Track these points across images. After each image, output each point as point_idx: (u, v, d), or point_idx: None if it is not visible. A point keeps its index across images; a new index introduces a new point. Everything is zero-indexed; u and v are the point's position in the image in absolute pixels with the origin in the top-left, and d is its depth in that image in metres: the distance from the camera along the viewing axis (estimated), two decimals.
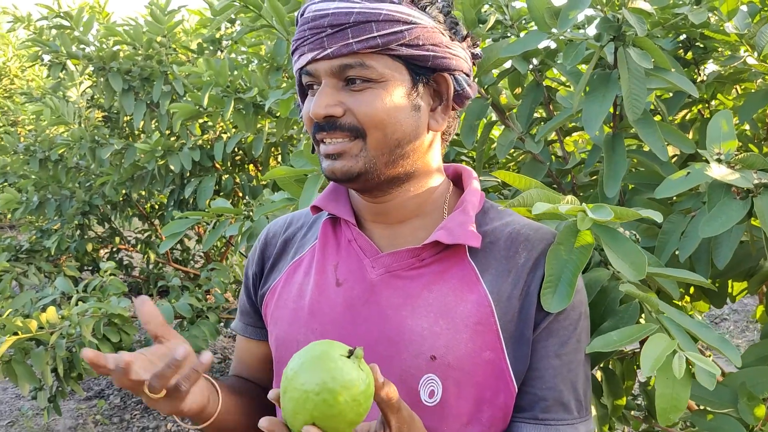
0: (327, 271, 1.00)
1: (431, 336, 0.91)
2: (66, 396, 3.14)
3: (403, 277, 0.95)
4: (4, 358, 2.78)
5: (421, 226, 0.99)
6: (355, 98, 0.90)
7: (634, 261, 0.86)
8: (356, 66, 0.89)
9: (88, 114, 4.06)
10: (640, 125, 1.25)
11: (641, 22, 1.16)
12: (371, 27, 0.89)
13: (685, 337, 0.89)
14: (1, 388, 4.08)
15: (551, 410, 0.93)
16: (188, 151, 3.21)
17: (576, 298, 0.93)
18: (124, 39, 3.35)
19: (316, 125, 0.92)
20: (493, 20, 1.49)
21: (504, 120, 1.54)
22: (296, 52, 0.94)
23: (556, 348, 0.93)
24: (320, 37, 0.89)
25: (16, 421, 3.67)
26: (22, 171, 4.33)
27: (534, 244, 0.96)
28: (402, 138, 0.93)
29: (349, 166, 0.91)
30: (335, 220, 1.04)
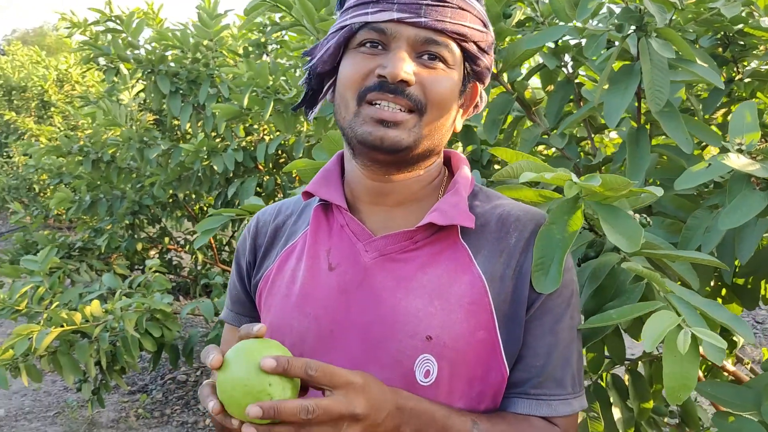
0: (319, 256, 1.00)
1: (426, 316, 0.91)
2: (110, 389, 3.23)
3: (396, 260, 0.95)
4: (50, 349, 2.88)
5: (415, 210, 0.99)
6: (430, 74, 0.91)
7: (631, 234, 0.85)
8: (441, 45, 0.90)
9: (140, 116, 4.19)
10: (664, 118, 1.23)
11: (662, 11, 1.14)
12: (466, 16, 0.92)
13: (693, 314, 0.86)
14: (50, 380, 4.23)
15: (545, 386, 0.93)
16: (232, 152, 3.27)
17: (567, 276, 0.94)
18: (174, 43, 3.44)
19: (379, 85, 0.89)
20: (519, 15, 1.49)
21: (530, 115, 1.53)
22: (370, 5, 0.90)
23: (551, 325, 0.94)
24: (417, 2, 0.88)
25: (61, 412, 3.79)
26: (77, 172, 4.49)
27: (525, 225, 0.96)
28: (445, 125, 0.95)
29: (402, 138, 0.90)
30: (326, 205, 1.04)
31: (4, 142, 9.33)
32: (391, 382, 0.89)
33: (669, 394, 0.84)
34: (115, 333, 3.06)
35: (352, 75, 0.91)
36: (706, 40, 1.68)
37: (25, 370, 2.79)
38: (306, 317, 0.97)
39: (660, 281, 0.89)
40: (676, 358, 0.82)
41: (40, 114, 10.15)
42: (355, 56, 0.92)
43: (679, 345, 0.80)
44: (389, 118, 0.88)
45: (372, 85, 0.89)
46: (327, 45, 0.96)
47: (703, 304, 0.89)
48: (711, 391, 1.23)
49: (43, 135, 8.05)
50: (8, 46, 12.43)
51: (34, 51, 10.90)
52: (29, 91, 9.93)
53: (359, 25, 0.91)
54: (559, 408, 0.93)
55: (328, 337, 0.94)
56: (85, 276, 4.47)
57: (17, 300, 3.12)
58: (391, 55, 0.89)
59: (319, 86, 1.02)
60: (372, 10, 0.90)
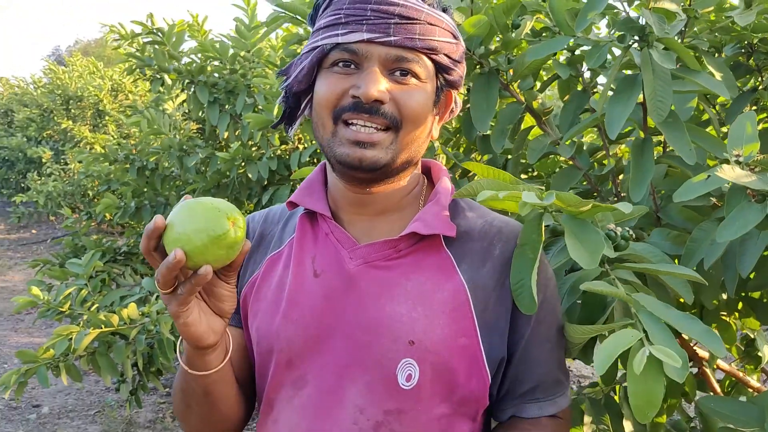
0: (305, 264, 1.02)
1: (410, 321, 0.93)
2: (147, 390, 3.32)
3: (380, 267, 0.97)
4: (89, 350, 2.98)
5: (397, 219, 1.02)
6: (403, 91, 0.93)
7: (594, 250, 0.84)
8: (413, 61, 0.93)
9: (183, 125, 4.31)
10: (667, 128, 1.22)
11: (662, 21, 1.13)
12: (435, 31, 0.94)
13: (662, 330, 0.85)
14: (93, 380, 4.37)
15: (549, 388, 1.00)
16: (266, 160, 3.34)
17: (551, 284, 1.00)
18: (214, 54, 3.54)
19: (354, 105, 0.91)
20: (529, 26, 1.49)
21: (540, 125, 1.53)
22: (340, 26, 0.92)
23: (546, 333, 0.99)
24: (387, 22, 0.91)
25: (101, 412, 3.92)
26: (124, 179, 4.64)
27: (508, 237, 0.99)
28: (421, 136, 0.98)
29: (379, 158, 0.93)
30: (312, 214, 1.06)
31: (61, 150, 9.69)
32: (374, 386, 0.92)
33: (636, 413, 0.83)
34: (152, 335, 3.15)
35: (327, 96, 0.94)
36: (730, 49, 1.65)
37: (65, 370, 2.90)
38: (292, 323, 0.99)
39: (628, 298, 0.89)
40: (639, 377, 0.81)
41: (95, 122, 10.51)
42: (328, 76, 0.94)
43: (635, 365, 0.79)
44: (366, 139, 0.91)
45: (347, 106, 0.92)
46: (301, 65, 0.98)
47: (676, 318, 0.88)
48: (714, 407, 1.21)
49: (97, 143, 8.34)
50: (69, 57, 12.92)
51: (90, 62, 11.30)
52: (85, 101, 10.30)
53: (331, 46, 0.93)
54: (561, 402, 1.01)
55: (314, 342, 0.97)
56: (129, 279, 4.61)
57: (61, 302, 3.24)
58: (364, 74, 0.91)
59: (296, 104, 1.05)
60: (342, 32, 0.92)
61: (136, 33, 3.56)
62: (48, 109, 10.89)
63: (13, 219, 9.53)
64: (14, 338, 5.51)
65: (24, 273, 8.05)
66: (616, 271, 0.99)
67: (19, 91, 13.31)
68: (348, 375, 0.94)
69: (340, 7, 0.93)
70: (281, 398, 1.01)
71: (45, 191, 7.73)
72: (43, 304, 3.17)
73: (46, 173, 8.63)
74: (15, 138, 11.35)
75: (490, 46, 1.49)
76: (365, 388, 0.93)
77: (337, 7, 0.94)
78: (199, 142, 3.94)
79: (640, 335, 0.83)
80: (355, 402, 0.93)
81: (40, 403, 4.12)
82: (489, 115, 1.43)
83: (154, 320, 3.07)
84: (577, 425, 1.55)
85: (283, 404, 1.00)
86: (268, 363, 1.02)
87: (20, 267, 8.33)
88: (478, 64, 1.48)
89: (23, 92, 12.81)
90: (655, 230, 1.30)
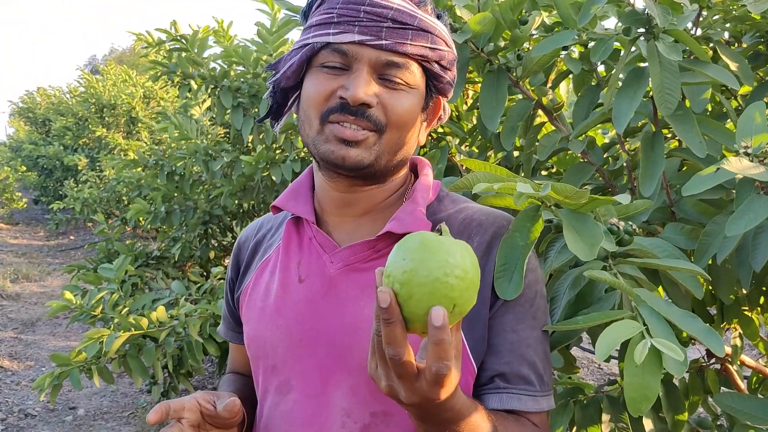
0: (291, 269, 1.03)
1: None
2: (178, 392, 3.37)
3: (360, 270, 0.97)
4: (120, 353, 3.04)
5: (380, 218, 1.01)
6: (391, 95, 0.93)
7: (591, 243, 0.83)
8: (402, 67, 0.92)
9: (210, 130, 4.37)
10: (676, 120, 1.20)
11: (666, 13, 1.11)
12: (428, 38, 0.94)
13: (661, 324, 0.84)
14: (127, 382, 4.45)
15: (512, 381, 0.93)
16: (290, 163, 3.37)
17: (530, 278, 0.94)
18: (237, 59, 3.58)
19: (341, 106, 0.91)
20: (538, 21, 1.48)
21: (552, 121, 1.52)
22: (332, 25, 0.92)
23: (512, 324, 0.94)
24: (379, 25, 0.90)
25: (135, 413, 3.99)
26: (154, 184, 4.72)
27: (486, 228, 0.97)
28: (407, 143, 0.98)
29: (363, 157, 0.93)
30: (298, 219, 1.06)
31: (96, 157, 9.90)
32: (359, 389, 0.92)
33: (630, 405, 0.82)
34: (181, 338, 3.20)
35: (315, 95, 0.93)
36: (749, 38, 1.62)
37: (97, 372, 2.96)
38: (278, 329, 1.00)
39: (628, 289, 0.88)
40: (636, 369, 0.80)
41: (128, 129, 10.72)
42: (317, 75, 0.94)
43: (636, 355, 0.78)
44: (350, 137, 0.91)
45: (334, 106, 0.92)
46: (290, 61, 0.98)
47: (676, 314, 0.87)
48: (729, 404, 1.19)
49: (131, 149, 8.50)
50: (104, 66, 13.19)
51: (123, 70, 11.52)
52: (119, 108, 10.51)
53: (321, 45, 0.93)
54: (528, 403, 0.93)
55: (298, 347, 0.98)
56: (161, 283, 4.68)
57: (93, 306, 3.31)
58: (353, 76, 0.91)
59: (284, 100, 1.05)
60: (334, 31, 0.91)
61: (162, 41, 3.62)
62: (83, 118, 11.13)
63: (51, 226, 9.78)
64: (52, 342, 5.65)
65: (62, 278, 8.24)
66: (619, 266, 0.98)
67: (55, 100, 13.64)
68: (332, 379, 0.95)
69: (333, 5, 0.93)
70: (268, 404, 1.02)
71: (81, 198, 7.89)
72: (76, 309, 3.25)
73: (82, 180, 8.81)
74: (53, 146, 11.63)
75: (498, 43, 1.48)
76: (350, 391, 0.93)
77: (330, 5, 0.93)
78: (226, 146, 3.99)
79: (642, 327, 0.82)
80: (341, 405, 0.93)
81: (76, 405, 4.22)
82: (498, 113, 1.43)
83: (183, 323, 3.11)
84: (596, 423, 1.53)
85: (270, 410, 1.01)
86: (257, 368, 1.04)
87: (59, 272, 8.53)
88: (486, 62, 1.48)
89: (60, 101, 13.13)
90: (669, 225, 1.27)
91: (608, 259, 0.97)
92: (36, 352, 5.33)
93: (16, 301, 7.11)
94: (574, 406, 1.54)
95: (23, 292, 7.52)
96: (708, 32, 1.47)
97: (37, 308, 6.89)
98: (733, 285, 1.28)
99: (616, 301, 0.97)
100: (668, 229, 1.27)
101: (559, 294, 1.05)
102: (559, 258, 1.04)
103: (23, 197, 14.16)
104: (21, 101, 15.58)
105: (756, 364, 1.71)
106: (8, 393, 4.36)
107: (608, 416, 1.52)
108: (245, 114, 3.59)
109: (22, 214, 14.44)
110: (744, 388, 1.64)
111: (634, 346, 0.80)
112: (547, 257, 1.06)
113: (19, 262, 9.31)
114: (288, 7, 1.70)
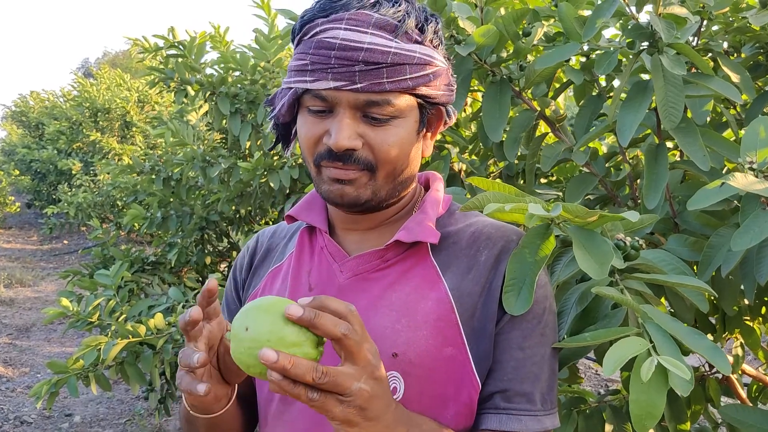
0: (301, 278, 1.04)
1: (392, 334, 0.93)
2: (175, 398, 3.36)
3: (369, 279, 0.98)
4: (117, 360, 3.03)
5: (389, 230, 1.03)
6: (376, 133, 0.92)
7: (602, 261, 0.84)
8: (382, 103, 0.91)
9: (207, 136, 4.37)
10: (680, 133, 1.21)
11: (671, 27, 1.12)
12: (405, 69, 0.91)
13: (668, 341, 0.85)
14: (123, 389, 4.44)
15: (513, 400, 0.93)
16: (288, 169, 3.37)
17: (539, 293, 0.94)
18: (235, 65, 3.58)
19: (328, 153, 0.91)
20: (541, 32, 1.49)
21: (555, 131, 1.52)
22: (308, 72, 0.91)
23: (519, 341, 0.94)
24: (351, 70, 0.89)
25: (132, 420, 3.97)
26: (150, 189, 4.71)
27: (495, 242, 0.98)
28: (405, 168, 0.98)
29: (359, 194, 0.94)
30: (312, 228, 1.08)
31: (90, 161, 9.87)
32: None
33: (635, 422, 0.82)
34: (179, 344, 3.19)
35: (305, 140, 0.95)
36: (748, 49, 1.63)
37: (95, 380, 2.95)
38: None
39: (635, 306, 0.88)
40: (642, 386, 0.80)
41: (122, 134, 10.69)
42: (306, 118, 0.95)
43: (642, 373, 0.78)
44: (343, 177, 0.92)
45: (323, 153, 0.93)
46: (282, 100, 0.98)
47: (683, 332, 0.87)
48: (735, 416, 1.20)
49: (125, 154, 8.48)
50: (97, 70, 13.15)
51: (117, 74, 11.49)
52: (113, 113, 10.49)
53: (302, 91, 0.93)
54: (529, 423, 0.92)
55: None
56: (157, 289, 4.67)
57: (90, 312, 3.30)
58: (335, 121, 0.91)
59: (286, 131, 1.06)
60: (310, 79, 0.91)
61: (159, 46, 3.62)
62: (77, 122, 11.10)
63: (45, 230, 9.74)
64: (47, 348, 5.62)
65: (56, 283, 8.21)
66: (626, 281, 0.98)
67: (49, 104, 13.59)
68: None
69: (306, 50, 0.92)
70: (273, 414, 1.02)
71: (75, 202, 7.87)
72: (73, 315, 3.23)
73: (76, 185, 8.79)
74: (46, 151, 11.59)
75: (501, 54, 1.49)
76: None
77: (304, 50, 0.93)
78: (222, 152, 3.98)
79: (648, 344, 0.83)
80: None
81: (72, 412, 4.20)
82: (501, 124, 1.43)
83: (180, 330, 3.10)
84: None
85: (275, 420, 1.01)
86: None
87: (53, 277, 8.50)
88: (489, 73, 1.48)
89: (53, 105, 13.08)
90: (672, 236, 1.28)
91: (615, 274, 0.98)
92: (31, 358, 5.30)
93: (10, 307, 7.08)
94: (577, 416, 1.54)
95: (17, 298, 7.49)
96: (709, 44, 1.48)
97: (31, 314, 6.86)
98: (736, 296, 1.29)
99: (622, 316, 0.98)
100: (672, 240, 1.28)
101: (566, 309, 1.05)
102: (566, 271, 1.05)
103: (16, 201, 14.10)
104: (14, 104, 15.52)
105: (756, 372, 1.72)
106: (3, 400, 4.34)
107: (611, 426, 1.53)
108: (243, 120, 3.59)
109: (15, 218, 14.39)
110: (745, 396, 1.64)
111: (641, 364, 0.80)
112: (553, 271, 1.07)
113: (12, 266, 9.27)
114: (290, 17, 1.71)
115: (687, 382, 0.79)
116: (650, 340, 0.84)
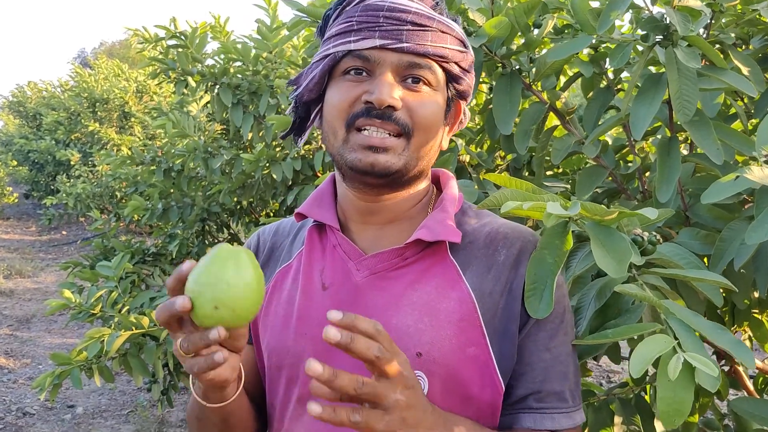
0: (313, 276, 1.02)
1: (416, 333, 0.92)
2: (178, 390, 3.36)
3: (387, 278, 0.97)
4: (120, 352, 3.03)
5: (405, 228, 1.01)
6: (415, 97, 0.93)
7: (621, 258, 0.83)
8: (425, 67, 0.93)
9: (208, 127, 4.35)
10: (693, 127, 1.20)
11: (686, 20, 1.11)
12: (447, 39, 0.94)
13: (692, 338, 0.84)
14: (125, 380, 4.44)
15: (546, 400, 0.94)
16: (290, 160, 3.36)
17: (558, 293, 0.94)
18: (236, 56, 3.56)
19: (367, 110, 0.91)
20: (551, 24, 1.48)
21: (565, 124, 1.52)
22: (353, 33, 0.92)
23: (545, 342, 0.95)
24: (399, 29, 0.91)
25: (134, 411, 3.98)
26: (151, 180, 4.70)
27: (512, 242, 0.98)
28: (433, 145, 0.98)
29: (392, 163, 0.92)
30: (320, 226, 1.06)
31: (89, 152, 9.84)
32: None
33: (663, 419, 0.82)
34: None
35: (339, 103, 0.93)
36: (757, 41, 1.62)
37: (98, 371, 2.95)
38: (303, 338, 0.99)
39: (658, 302, 0.88)
40: (670, 384, 0.80)
41: (121, 124, 10.65)
42: (340, 84, 0.94)
43: (670, 371, 0.78)
44: (378, 144, 0.91)
45: (359, 111, 0.91)
46: (312, 73, 0.98)
47: (706, 327, 0.87)
48: (747, 409, 1.20)
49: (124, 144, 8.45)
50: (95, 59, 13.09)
51: (115, 64, 11.45)
52: (111, 103, 10.44)
53: (343, 53, 0.93)
54: (562, 421, 0.94)
55: (324, 357, 0.96)
56: (158, 280, 4.66)
57: (92, 304, 3.30)
58: (376, 81, 0.91)
59: (306, 114, 1.05)
60: (354, 39, 0.92)
61: (160, 37, 3.60)
62: (75, 112, 11.06)
63: (43, 221, 9.72)
64: (48, 339, 5.62)
65: (56, 274, 8.20)
66: (644, 276, 0.98)
67: (46, 94, 13.53)
68: None
69: (352, 14, 0.93)
70: (290, 414, 1.01)
71: (74, 193, 7.85)
72: (75, 307, 3.23)
73: (74, 175, 8.77)
74: (44, 141, 11.55)
75: (511, 47, 1.48)
76: None
77: (348, 15, 0.94)
78: (223, 143, 3.97)
79: (673, 342, 0.83)
80: None
81: (75, 403, 4.20)
82: (512, 116, 1.43)
83: None
84: (607, 426, 1.53)
85: (293, 421, 1.00)
86: (279, 378, 1.03)
87: (52, 268, 8.49)
88: (500, 65, 1.47)
89: (51, 96, 13.03)
90: (684, 230, 1.28)
91: (632, 269, 0.97)
92: (32, 350, 5.30)
93: (10, 298, 7.08)
94: (586, 409, 1.54)
95: (17, 288, 7.49)
96: (719, 36, 1.47)
97: (31, 305, 6.86)
98: (748, 290, 1.29)
99: (642, 311, 0.98)
100: (683, 234, 1.28)
101: (584, 304, 1.05)
102: (581, 265, 1.05)
103: (14, 192, 14.08)
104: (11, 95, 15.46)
105: (763, 364, 1.72)
106: (5, 391, 4.34)
107: (620, 419, 1.53)
108: (245, 111, 3.58)
109: (13, 208, 14.36)
110: (752, 388, 1.65)
111: (667, 361, 0.80)
112: (569, 266, 1.06)
113: (11, 257, 9.26)
114: (298, 8, 1.69)
115: (714, 378, 0.79)
116: (674, 336, 0.84)
